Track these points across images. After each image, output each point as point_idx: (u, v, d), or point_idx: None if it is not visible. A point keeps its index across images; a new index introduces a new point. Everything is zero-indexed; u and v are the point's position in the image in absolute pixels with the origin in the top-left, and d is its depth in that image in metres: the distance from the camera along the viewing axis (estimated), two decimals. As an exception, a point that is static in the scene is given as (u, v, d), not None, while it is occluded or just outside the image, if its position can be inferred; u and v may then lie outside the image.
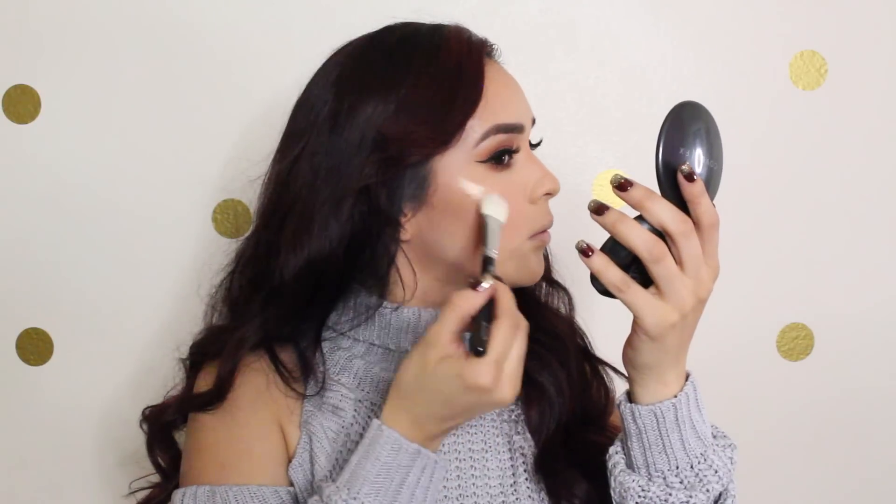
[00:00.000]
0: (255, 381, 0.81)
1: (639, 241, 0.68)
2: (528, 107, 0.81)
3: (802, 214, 1.18)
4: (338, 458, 0.79)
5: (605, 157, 1.17)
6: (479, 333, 0.67)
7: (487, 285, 0.69)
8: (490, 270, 0.71)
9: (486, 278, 0.69)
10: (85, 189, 1.14)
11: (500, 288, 0.70)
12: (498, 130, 0.77)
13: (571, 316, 0.93)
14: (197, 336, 0.88)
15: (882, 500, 1.22)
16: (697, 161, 0.70)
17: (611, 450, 0.77)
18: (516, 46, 0.85)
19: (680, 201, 0.69)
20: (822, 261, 1.19)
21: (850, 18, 1.16)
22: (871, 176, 1.18)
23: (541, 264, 0.82)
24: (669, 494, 0.72)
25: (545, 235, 0.81)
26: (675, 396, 0.73)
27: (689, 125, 0.70)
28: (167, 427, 0.86)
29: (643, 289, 0.69)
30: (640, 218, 0.69)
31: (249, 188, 0.95)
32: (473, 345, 0.67)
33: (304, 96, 0.82)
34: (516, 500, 0.82)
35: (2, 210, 1.14)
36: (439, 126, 0.75)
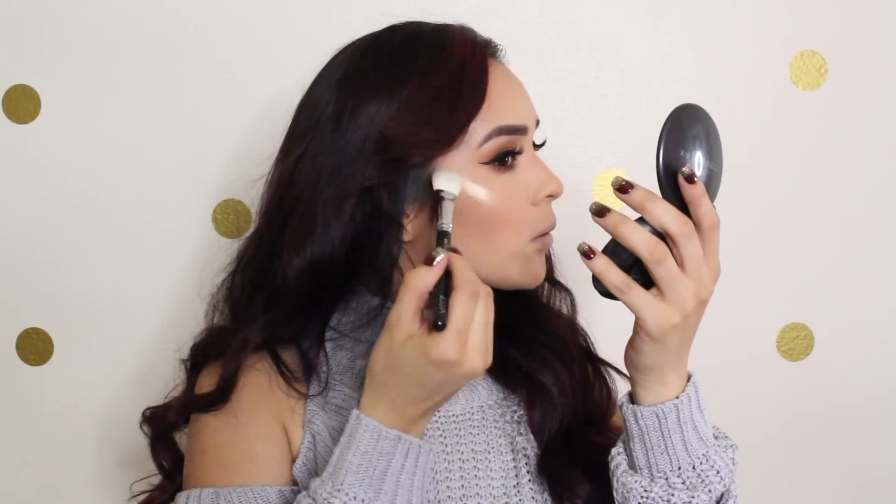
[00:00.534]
0: (258, 381, 0.81)
1: (640, 242, 0.68)
2: (531, 108, 0.81)
3: (802, 214, 1.18)
4: None
5: (605, 157, 1.17)
6: (438, 307, 0.67)
7: (440, 258, 0.69)
8: (445, 244, 0.70)
9: (439, 252, 0.69)
10: (85, 189, 1.14)
11: (454, 259, 0.69)
12: (501, 132, 0.77)
13: (574, 317, 0.93)
14: (197, 337, 0.88)
15: (882, 500, 1.22)
16: (697, 163, 0.70)
17: (613, 451, 0.77)
18: (516, 46, 0.85)
19: (681, 203, 0.69)
20: (822, 261, 1.19)
21: (850, 18, 1.16)
22: (872, 176, 1.18)
23: (543, 267, 0.82)
24: (672, 495, 0.72)
25: (547, 238, 0.81)
26: (677, 397, 0.73)
27: (688, 128, 0.70)
28: (169, 428, 0.86)
29: (645, 290, 0.69)
30: (641, 220, 0.69)
31: (250, 188, 0.95)
32: (434, 320, 0.66)
33: (308, 96, 0.82)
34: (519, 500, 0.82)
35: (2, 210, 1.14)
36: (442, 128, 0.75)
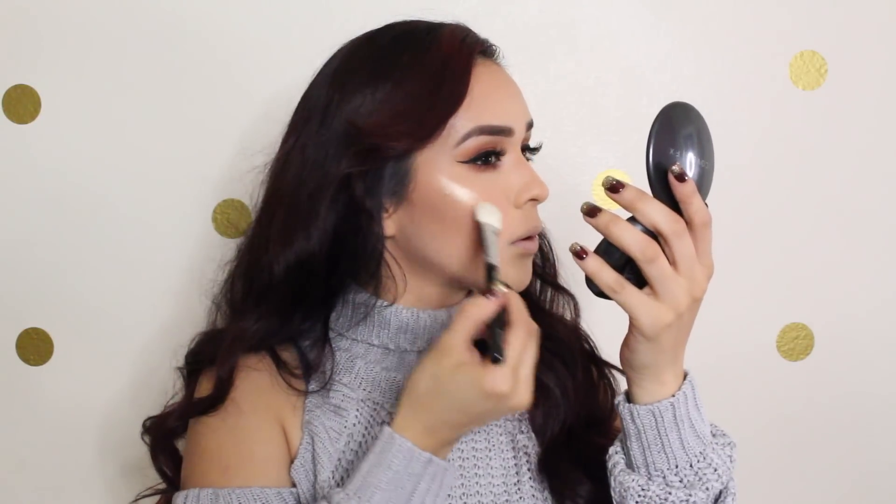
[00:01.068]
0: (257, 382, 0.81)
1: (632, 242, 0.68)
2: (522, 110, 0.80)
3: (803, 214, 1.18)
4: (340, 458, 0.79)
5: (605, 157, 1.16)
6: (496, 340, 0.68)
7: (498, 292, 0.69)
8: (496, 278, 0.71)
9: (495, 285, 0.70)
10: (85, 189, 1.14)
11: (511, 295, 0.70)
12: (482, 132, 0.76)
13: (577, 321, 0.93)
14: (191, 344, 0.88)
15: (881, 499, 1.22)
16: (688, 162, 0.70)
17: (610, 450, 0.77)
18: (516, 46, 0.85)
19: (672, 202, 0.69)
20: (822, 261, 1.19)
21: (850, 18, 1.16)
22: (871, 176, 1.18)
23: (527, 272, 0.81)
24: (669, 493, 0.72)
25: (530, 242, 0.80)
26: (673, 396, 0.73)
27: (678, 126, 0.70)
28: (169, 435, 0.86)
29: (638, 289, 0.69)
30: (632, 219, 0.69)
31: (250, 188, 0.95)
32: (491, 352, 0.67)
33: (306, 92, 0.83)
34: (520, 499, 0.82)
35: (2, 210, 1.14)
36: (418, 122, 0.75)
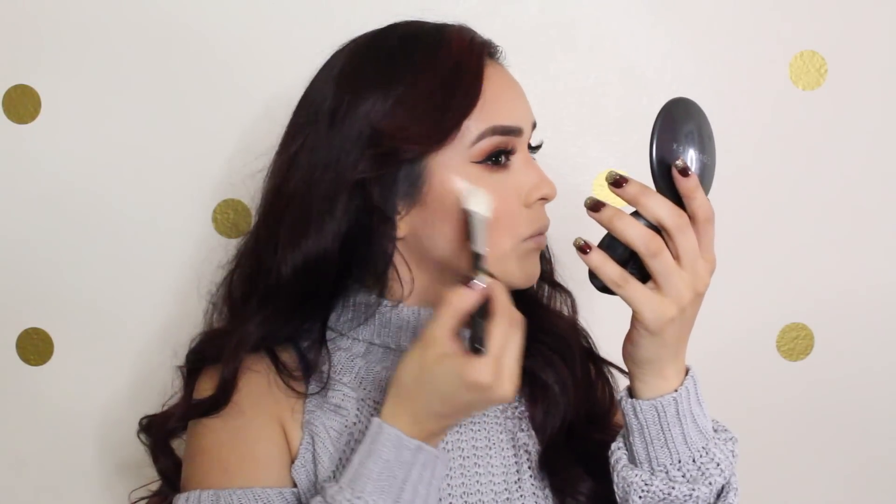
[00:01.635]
0: (256, 382, 0.81)
1: (635, 236, 0.68)
2: (528, 110, 0.81)
3: (803, 214, 1.18)
4: (341, 457, 0.79)
5: (605, 157, 1.17)
6: (477, 331, 0.68)
7: (482, 282, 0.69)
8: (481, 267, 0.71)
9: (478, 275, 0.70)
10: (85, 189, 1.14)
11: (494, 285, 0.70)
12: (495, 132, 0.77)
13: (575, 317, 0.93)
14: (193, 342, 0.88)
15: (882, 499, 1.22)
16: (690, 157, 0.70)
17: (613, 446, 0.77)
18: (516, 46, 0.85)
19: (675, 196, 0.69)
20: (822, 261, 1.19)
21: (850, 18, 1.16)
22: (872, 176, 1.18)
23: (536, 267, 0.82)
24: (672, 488, 0.73)
25: (541, 238, 0.81)
26: (676, 391, 0.73)
27: (680, 122, 0.71)
28: (168, 436, 0.86)
29: (641, 284, 0.70)
30: (636, 214, 0.69)
31: (250, 188, 0.95)
32: (472, 342, 0.67)
33: (307, 92, 0.82)
34: (521, 497, 0.82)
35: (2, 210, 1.14)
36: (435, 124, 0.75)
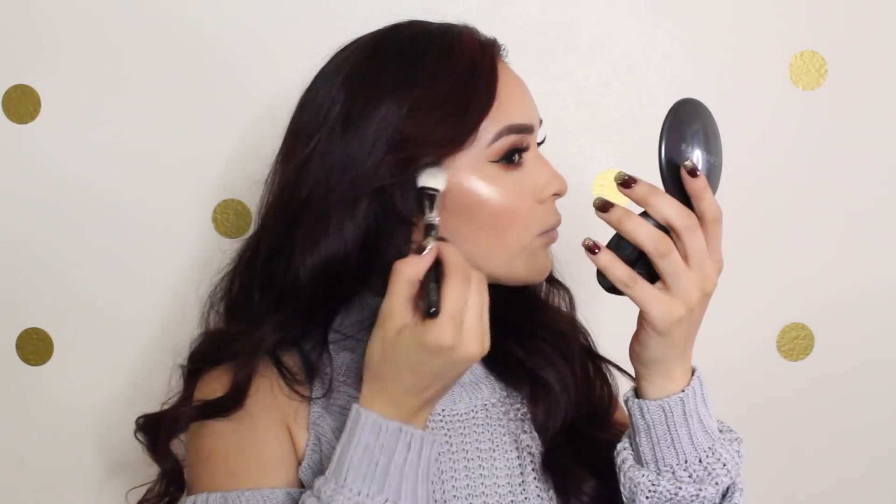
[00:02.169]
0: (260, 385, 0.81)
1: (644, 236, 0.68)
2: (535, 107, 0.82)
3: (803, 214, 1.18)
4: None
5: (605, 157, 1.17)
6: (430, 295, 0.67)
7: (430, 247, 0.69)
8: (433, 235, 0.71)
9: (428, 241, 0.69)
10: (85, 189, 1.14)
11: (444, 246, 0.70)
12: (510, 131, 0.77)
13: (573, 314, 0.93)
14: (195, 342, 0.87)
15: (881, 499, 1.22)
16: (698, 157, 0.71)
17: (619, 446, 0.78)
18: (516, 46, 0.85)
19: (683, 197, 0.69)
20: (822, 261, 1.19)
21: (850, 18, 1.16)
22: (872, 176, 1.18)
23: (549, 261, 0.82)
24: (679, 488, 0.73)
25: (554, 233, 0.82)
26: (682, 391, 0.73)
27: (689, 123, 0.71)
28: (171, 435, 0.85)
29: (650, 284, 0.70)
30: (644, 214, 0.70)
31: (250, 188, 0.95)
32: (427, 307, 0.66)
33: (310, 95, 0.81)
34: (525, 499, 0.82)
35: (2, 210, 1.14)
36: (455, 127, 0.75)
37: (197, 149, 1.13)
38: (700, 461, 0.73)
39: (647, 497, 0.74)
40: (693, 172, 0.69)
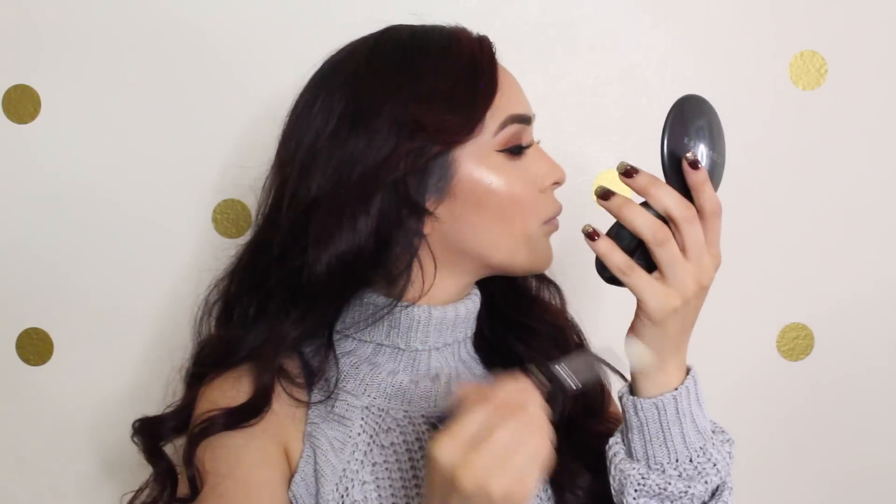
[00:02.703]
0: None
1: (643, 225, 0.69)
2: (528, 101, 0.83)
3: (802, 214, 1.18)
4: (345, 469, 0.78)
5: (605, 157, 1.17)
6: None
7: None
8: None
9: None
10: (85, 189, 1.14)
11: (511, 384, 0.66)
12: (513, 120, 0.79)
13: (564, 309, 0.94)
14: (202, 346, 0.86)
15: (881, 499, 1.22)
16: (701, 153, 0.71)
17: (611, 440, 0.78)
18: (516, 46, 0.86)
19: (684, 190, 0.70)
20: (821, 261, 1.19)
21: (850, 18, 1.16)
22: (871, 176, 1.18)
23: (551, 250, 0.83)
24: (668, 483, 0.73)
25: (555, 222, 0.83)
26: (676, 389, 0.74)
27: (693, 118, 0.71)
28: (164, 437, 0.84)
29: (647, 273, 0.70)
30: (644, 205, 0.70)
31: (250, 189, 0.95)
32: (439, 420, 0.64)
33: (310, 96, 0.81)
34: None
35: (2, 210, 1.14)
36: (465, 115, 0.77)
37: (197, 149, 1.14)
38: (691, 460, 0.74)
39: (636, 490, 0.74)
40: (694, 164, 0.69)
